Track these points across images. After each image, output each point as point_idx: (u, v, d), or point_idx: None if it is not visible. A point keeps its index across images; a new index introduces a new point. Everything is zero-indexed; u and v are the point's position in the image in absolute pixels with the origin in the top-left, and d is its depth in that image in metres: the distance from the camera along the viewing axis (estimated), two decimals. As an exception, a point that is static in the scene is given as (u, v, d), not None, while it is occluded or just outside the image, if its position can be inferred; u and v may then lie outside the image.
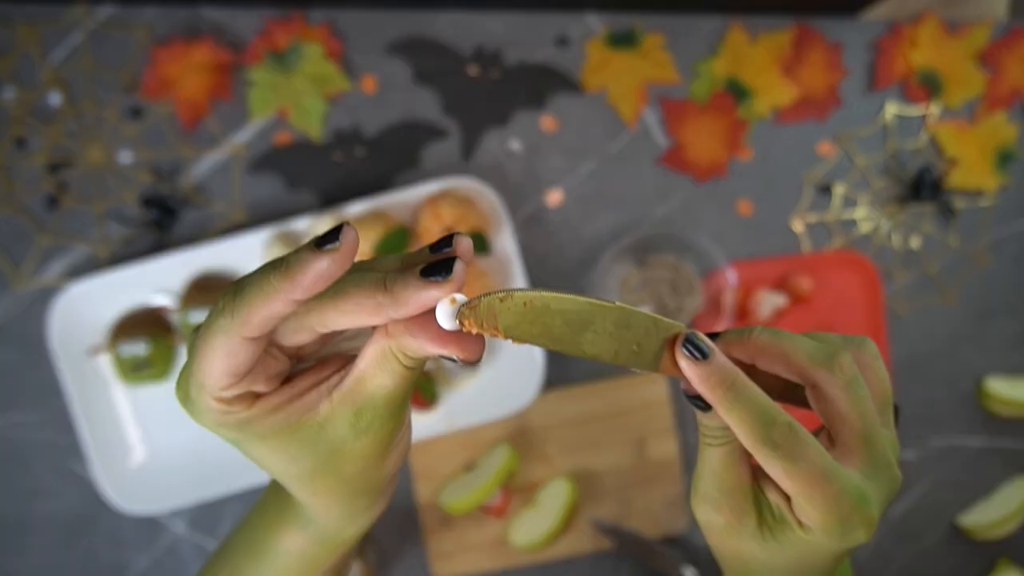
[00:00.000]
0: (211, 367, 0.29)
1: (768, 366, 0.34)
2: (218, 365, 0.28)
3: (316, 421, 0.31)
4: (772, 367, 0.34)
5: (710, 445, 0.33)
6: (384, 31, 0.83)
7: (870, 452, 0.32)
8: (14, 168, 0.82)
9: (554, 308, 0.30)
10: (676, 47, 0.84)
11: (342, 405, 0.31)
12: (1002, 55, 0.86)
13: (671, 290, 0.82)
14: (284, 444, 0.31)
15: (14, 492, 0.83)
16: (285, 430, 0.31)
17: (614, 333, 0.31)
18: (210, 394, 0.29)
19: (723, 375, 0.31)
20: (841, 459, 0.32)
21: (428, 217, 0.77)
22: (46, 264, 0.82)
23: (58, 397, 0.82)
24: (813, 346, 0.33)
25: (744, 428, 0.31)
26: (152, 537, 0.84)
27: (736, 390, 0.31)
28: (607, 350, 0.31)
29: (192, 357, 0.29)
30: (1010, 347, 0.88)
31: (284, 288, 0.27)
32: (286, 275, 0.27)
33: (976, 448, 0.88)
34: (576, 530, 0.84)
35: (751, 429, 0.31)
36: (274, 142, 0.83)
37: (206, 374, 0.29)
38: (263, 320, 0.28)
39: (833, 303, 0.85)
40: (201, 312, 0.77)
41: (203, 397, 0.30)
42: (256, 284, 0.28)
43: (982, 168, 0.86)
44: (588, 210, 0.85)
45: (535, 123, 0.84)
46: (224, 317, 0.28)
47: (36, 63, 0.81)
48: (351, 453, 0.32)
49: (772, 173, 0.86)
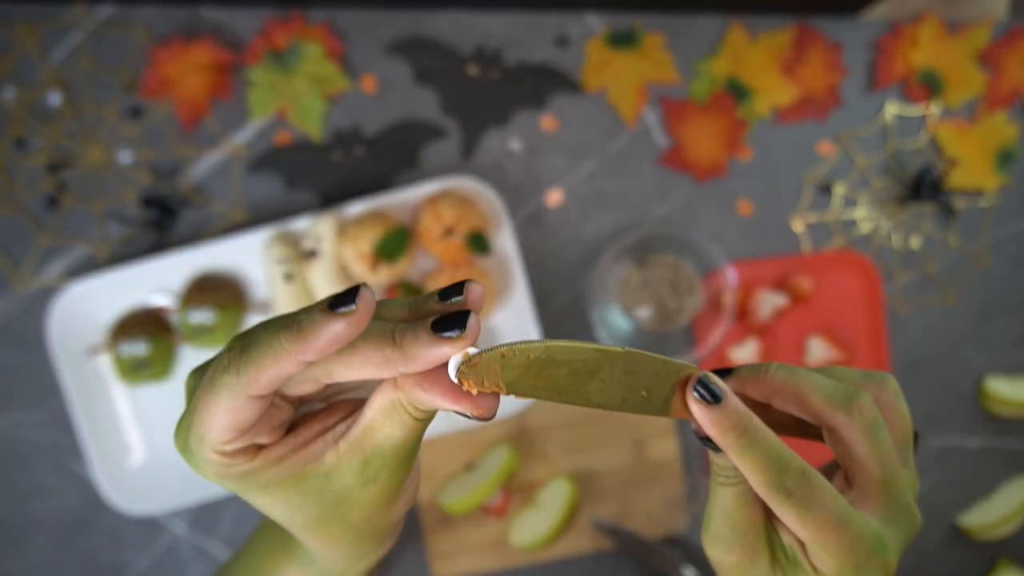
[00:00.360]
0: (213, 422, 0.28)
1: (783, 406, 0.33)
2: (220, 420, 0.27)
3: (321, 471, 0.30)
4: (787, 407, 0.33)
5: (722, 484, 0.32)
6: (384, 31, 0.83)
7: (889, 496, 0.31)
8: (14, 168, 0.82)
9: (559, 359, 0.29)
10: (676, 47, 0.84)
11: (349, 455, 0.30)
12: (1002, 55, 0.86)
13: (671, 290, 0.82)
14: (288, 494, 0.30)
15: (14, 492, 0.83)
16: (289, 480, 0.30)
17: (622, 380, 0.30)
18: (211, 447, 0.28)
19: (735, 420, 0.30)
20: (858, 503, 0.31)
21: (428, 217, 0.77)
22: (46, 264, 0.82)
23: (58, 397, 0.82)
24: (831, 387, 0.32)
25: (756, 474, 0.30)
26: (152, 537, 0.84)
27: (749, 435, 0.30)
28: (615, 398, 0.30)
29: (193, 409, 0.28)
30: (1010, 347, 0.88)
31: (295, 350, 0.26)
32: (297, 336, 0.26)
33: (976, 448, 0.88)
34: (576, 530, 0.84)
35: (763, 475, 0.30)
36: (274, 142, 0.83)
37: (207, 428, 0.28)
38: (270, 380, 0.27)
39: (833, 303, 0.85)
40: (201, 312, 0.77)
41: (203, 450, 0.29)
42: (265, 343, 0.26)
43: (982, 168, 0.86)
44: (588, 210, 0.85)
45: (535, 123, 0.84)
46: (229, 374, 0.27)
47: (36, 63, 0.81)
48: (358, 502, 0.31)
49: (772, 173, 0.86)
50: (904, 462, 0.33)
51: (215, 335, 0.78)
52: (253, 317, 0.81)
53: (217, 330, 0.78)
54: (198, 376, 0.30)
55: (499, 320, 0.82)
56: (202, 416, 0.28)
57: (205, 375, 0.28)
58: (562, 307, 0.85)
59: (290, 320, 0.27)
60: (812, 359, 0.85)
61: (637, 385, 0.30)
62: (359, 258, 0.76)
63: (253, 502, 0.31)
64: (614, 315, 0.84)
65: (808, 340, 0.85)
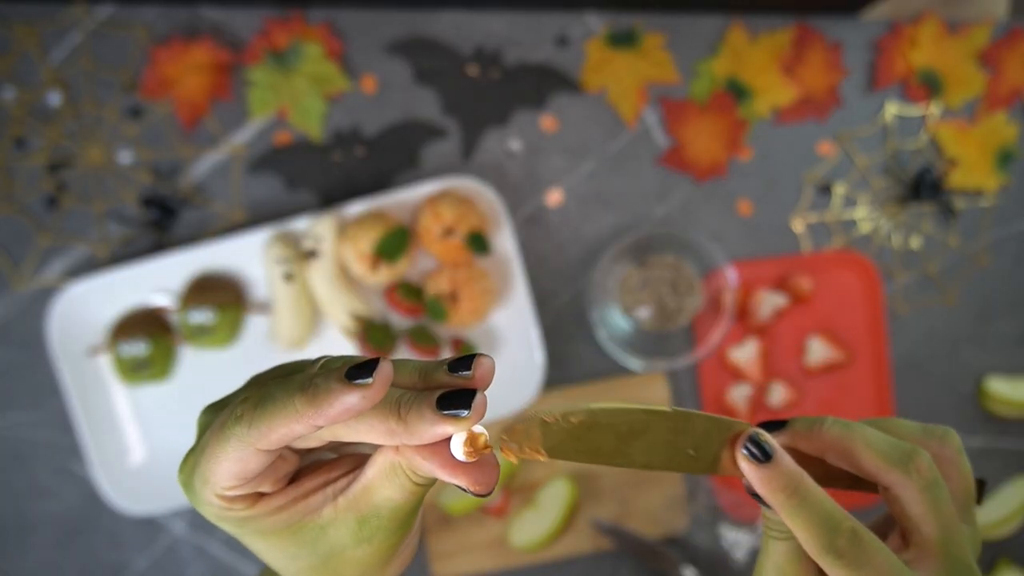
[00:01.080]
0: (219, 467, 0.28)
1: (836, 461, 0.32)
2: (227, 467, 0.28)
3: (318, 524, 0.30)
4: (841, 463, 0.32)
5: (774, 539, 0.32)
6: (384, 31, 0.83)
7: (947, 556, 0.31)
8: (14, 168, 0.82)
9: (603, 423, 0.28)
10: (676, 47, 0.84)
11: (346, 512, 0.30)
12: (1002, 55, 0.86)
13: (671, 290, 0.82)
14: (284, 543, 0.31)
15: (13, 492, 0.83)
16: (286, 530, 0.30)
17: (669, 440, 0.29)
18: (212, 490, 0.29)
19: (787, 480, 0.30)
20: (915, 564, 0.31)
21: (428, 217, 0.77)
22: (46, 264, 0.82)
23: (58, 397, 0.82)
24: (887, 444, 0.31)
25: (806, 534, 0.29)
26: (151, 537, 0.84)
27: (800, 495, 0.29)
28: (660, 457, 0.29)
29: (201, 450, 0.29)
30: (1010, 347, 0.88)
31: (308, 414, 0.26)
32: (312, 402, 0.26)
33: (976, 448, 0.88)
34: (576, 530, 0.84)
35: (813, 536, 0.29)
36: (274, 142, 0.83)
37: (212, 472, 0.28)
38: (280, 438, 0.27)
39: (833, 303, 0.85)
40: (201, 312, 0.77)
41: (205, 491, 0.29)
42: (280, 402, 0.27)
43: (982, 168, 0.86)
44: (588, 210, 0.85)
45: (535, 123, 0.84)
46: (241, 426, 0.27)
47: (36, 63, 0.81)
48: (351, 559, 0.31)
49: (772, 173, 0.86)
50: (965, 519, 0.32)
51: (215, 335, 0.78)
52: (253, 317, 0.81)
53: (217, 330, 0.78)
54: (211, 415, 0.31)
55: (499, 320, 0.82)
56: (209, 460, 0.28)
57: (217, 419, 0.29)
58: (562, 307, 0.85)
59: (307, 383, 0.27)
60: (812, 359, 0.85)
61: (685, 444, 0.30)
62: (359, 258, 0.76)
63: (250, 546, 0.31)
64: (614, 315, 0.84)
65: (808, 340, 0.85)
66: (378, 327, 0.79)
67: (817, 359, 0.85)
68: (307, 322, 0.79)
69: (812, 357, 0.85)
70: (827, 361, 0.85)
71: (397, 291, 0.79)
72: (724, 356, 0.85)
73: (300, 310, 0.78)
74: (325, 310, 0.79)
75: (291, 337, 0.79)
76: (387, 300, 0.80)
